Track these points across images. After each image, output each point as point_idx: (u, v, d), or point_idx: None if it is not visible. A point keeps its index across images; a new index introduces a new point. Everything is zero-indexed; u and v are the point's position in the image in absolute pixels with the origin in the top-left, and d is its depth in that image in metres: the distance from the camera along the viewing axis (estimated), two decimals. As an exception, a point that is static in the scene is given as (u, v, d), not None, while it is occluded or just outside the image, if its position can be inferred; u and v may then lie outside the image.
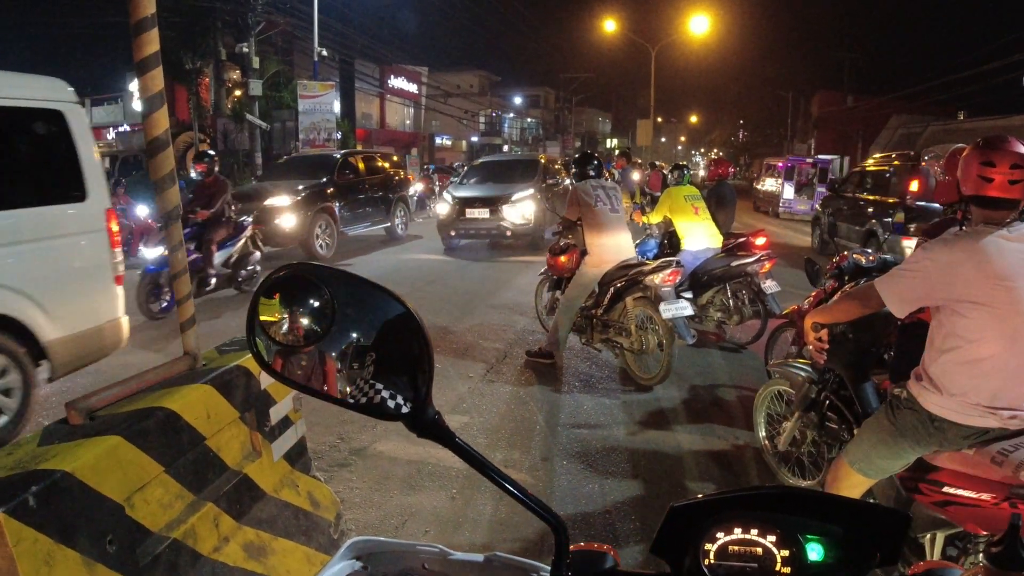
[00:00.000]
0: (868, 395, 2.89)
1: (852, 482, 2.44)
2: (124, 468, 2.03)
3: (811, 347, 2.70)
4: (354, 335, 0.68)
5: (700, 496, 0.79)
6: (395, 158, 16.97)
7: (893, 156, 12.12)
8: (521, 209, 12.26)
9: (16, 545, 1.61)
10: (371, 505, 3.43)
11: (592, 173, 5.78)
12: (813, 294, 4.48)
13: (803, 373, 3.31)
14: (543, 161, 15.06)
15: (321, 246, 11.72)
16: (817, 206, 15.07)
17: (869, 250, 4.28)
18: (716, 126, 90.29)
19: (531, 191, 12.53)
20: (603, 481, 3.73)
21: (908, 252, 7.47)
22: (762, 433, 3.79)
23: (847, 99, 40.68)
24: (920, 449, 2.28)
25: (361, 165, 13.95)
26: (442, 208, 13.17)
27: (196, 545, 2.21)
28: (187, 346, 2.57)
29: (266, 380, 2.60)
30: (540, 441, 4.29)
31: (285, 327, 0.69)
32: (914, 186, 9.83)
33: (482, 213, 12.27)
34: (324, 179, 12.33)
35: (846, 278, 4.06)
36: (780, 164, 21.62)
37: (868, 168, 12.61)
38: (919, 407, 2.24)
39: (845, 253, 4.20)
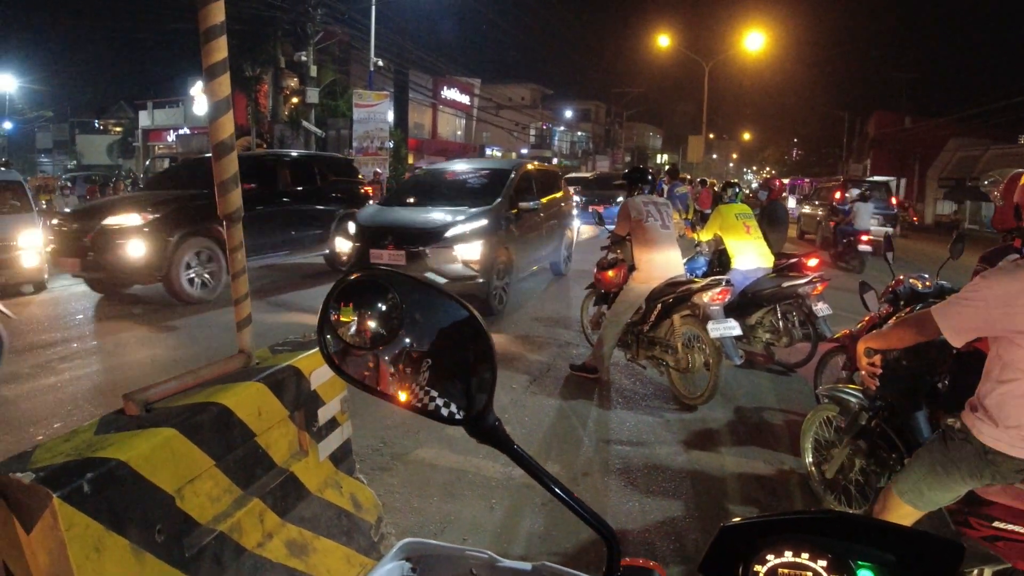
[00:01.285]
0: (920, 424, 2.82)
1: (901, 513, 2.38)
2: (177, 460, 2.08)
3: (863, 373, 2.63)
4: (419, 340, 0.69)
5: (752, 517, 0.78)
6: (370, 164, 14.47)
7: None
8: (463, 250, 7.74)
9: (68, 530, 1.65)
10: (411, 510, 3.45)
11: (644, 188, 5.76)
12: (866, 318, 4.37)
13: (854, 399, 3.23)
14: (521, 172, 9.64)
15: (196, 283, 8.75)
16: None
17: (925, 275, 4.16)
18: (769, 144, 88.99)
19: (483, 221, 8.06)
20: (644, 499, 3.69)
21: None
22: (809, 459, 3.70)
23: (905, 120, 39.71)
24: (972, 482, 2.22)
25: (286, 171, 10.78)
26: (341, 244, 8.87)
27: (241, 539, 2.26)
28: (242, 344, 2.63)
29: (316, 381, 2.64)
30: (581, 456, 4.26)
31: (354, 329, 0.70)
32: None
33: (394, 257, 7.77)
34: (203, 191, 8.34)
35: (901, 303, 3.95)
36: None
37: None
38: (973, 439, 2.18)
39: (901, 277, 4.10)
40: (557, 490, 0.69)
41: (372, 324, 0.70)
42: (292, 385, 2.53)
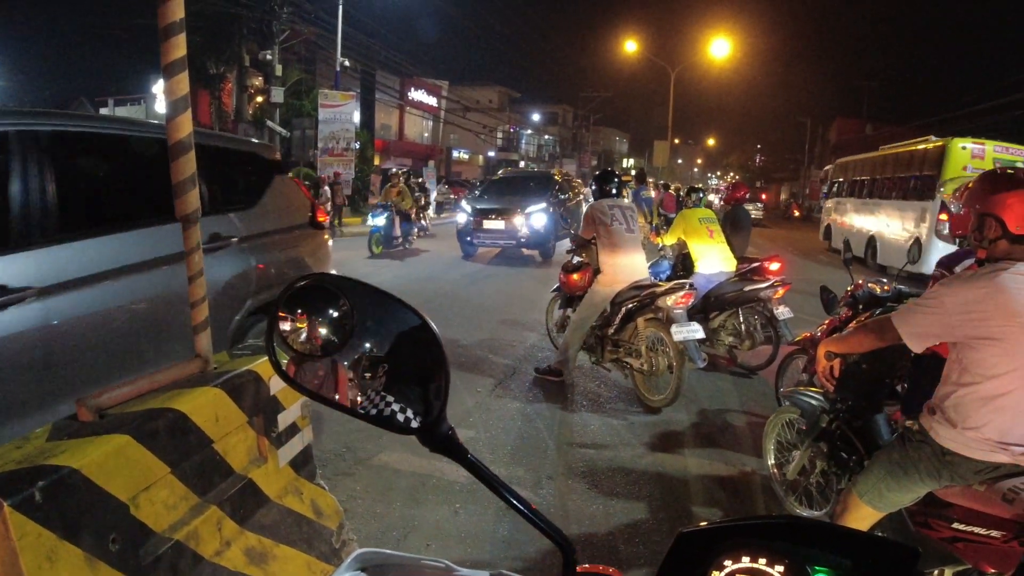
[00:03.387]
0: (880, 427, 2.88)
1: (861, 514, 2.42)
2: (131, 467, 2.04)
3: (821, 376, 2.69)
4: (370, 347, 0.68)
5: (708, 523, 0.78)
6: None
7: None
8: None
9: (20, 539, 1.60)
10: (373, 516, 3.42)
11: (612, 191, 5.78)
12: (827, 322, 4.45)
13: (815, 402, 3.29)
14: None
15: None
16: None
17: (884, 279, 4.25)
18: (733, 149, 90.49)
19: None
20: (608, 502, 3.70)
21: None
22: (771, 461, 3.75)
23: (866, 127, 40.61)
24: (931, 483, 2.27)
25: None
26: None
27: (198, 548, 2.21)
28: (199, 348, 2.58)
29: (275, 386, 2.60)
30: (546, 459, 4.27)
31: (303, 336, 0.69)
32: None
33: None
34: None
35: (860, 307, 4.03)
36: None
37: None
38: (931, 440, 2.24)
39: (860, 282, 4.18)
40: (511, 499, 0.68)
41: (323, 331, 0.69)
42: (251, 390, 2.49)
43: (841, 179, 20.82)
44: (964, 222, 2.85)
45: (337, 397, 0.68)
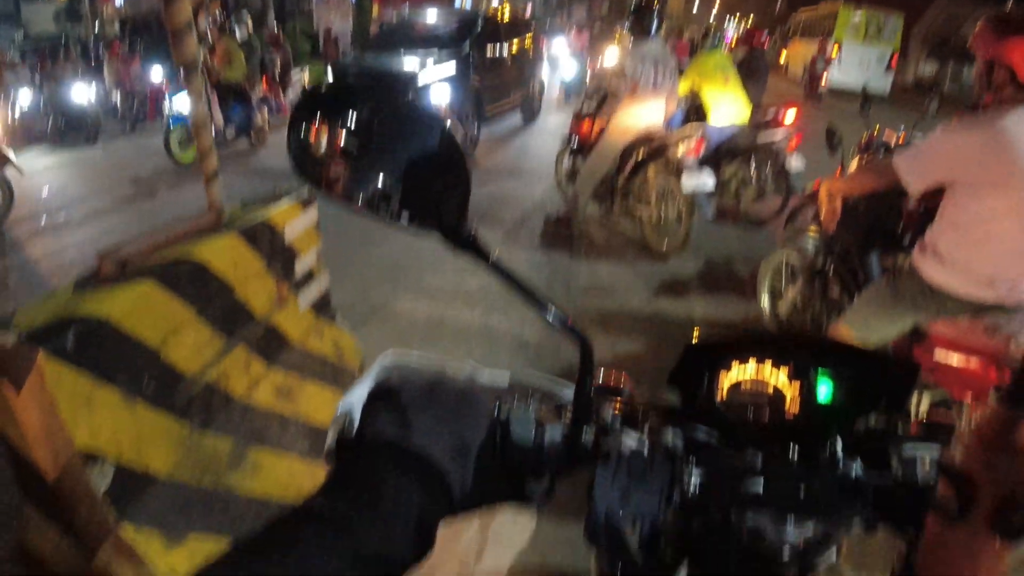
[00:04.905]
0: (873, 264, 3.00)
1: None
2: (157, 313, 2.12)
3: (823, 214, 2.77)
4: (393, 153, 0.69)
5: (718, 333, 0.81)
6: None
7: None
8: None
9: (57, 386, 1.69)
10: (391, 359, 3.57)
11: (650, 31, 5.31)
12: (837, 172, 4.40)
13: (812, 242, 3.40)
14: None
15: None
16: None
17: (902, 127, 4.16)
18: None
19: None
20: (615, 340, 3.85)
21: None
22: (765, 299, 3.88)
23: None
24: (916, 316, 2.40)
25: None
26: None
27: (228, 387, 2.35)
28: (212, 200, 2.61)
29: (291, 234, 2.65)
30: (555, 304, 4.37)
31: (324, 140, 0.69)
32: None
33: None
34: None
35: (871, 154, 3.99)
36: None
37: None
38: (919, 275, 2.34)
39: (875, 131, 4.09)
40: (534, 297, 0.72)
41: (343, 135, 0.69)
42: (266, 238, 2.55)
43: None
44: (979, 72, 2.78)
45: (361, 200, 0.70)
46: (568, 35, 18.04)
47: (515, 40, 10.81)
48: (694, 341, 0.81)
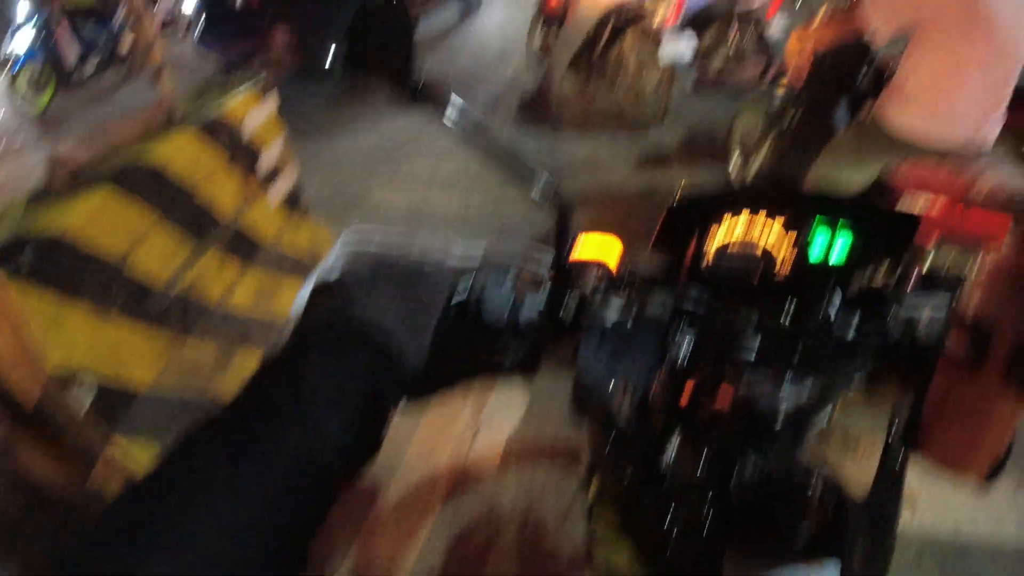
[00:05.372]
0: (840, 114, 3.00)
1: None
2: (118, 221, 2.03)
3: (792, 68, 2.80)
4: (328, 5, 0.59)
5: (706, 190, 0.75)
6: None
7: None
8: None
9: (22, 307, 1.60)
10: (372, 251, 3.51)
11: None
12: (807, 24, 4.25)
13: (780, 97, 3.38)
14: None
15: None
16: None
17: None
18: None
19: None
20: (597, 215, 3.81)
21: None
22: (736, 159, 3.88)
23: None
24: (884, 159, 2.44)
25: None
26: None
27: (204, 293, 2.28)
28: (163, 94, 2.44)
29: (251, 126, 2.51)
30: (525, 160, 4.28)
31: None
32: None
33: None
34: None
35: None
36: None
37: None
38: (887, 123, 2.40)
39: None
40: (500, 150, 0.65)
41: None
42: (226, 132, 2.41)
43: None
44: None
45: (306, 63, 0.61)
46: None
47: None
48: (676, 202, 0.74)
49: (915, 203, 2.33)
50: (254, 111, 2.55)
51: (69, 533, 1.65)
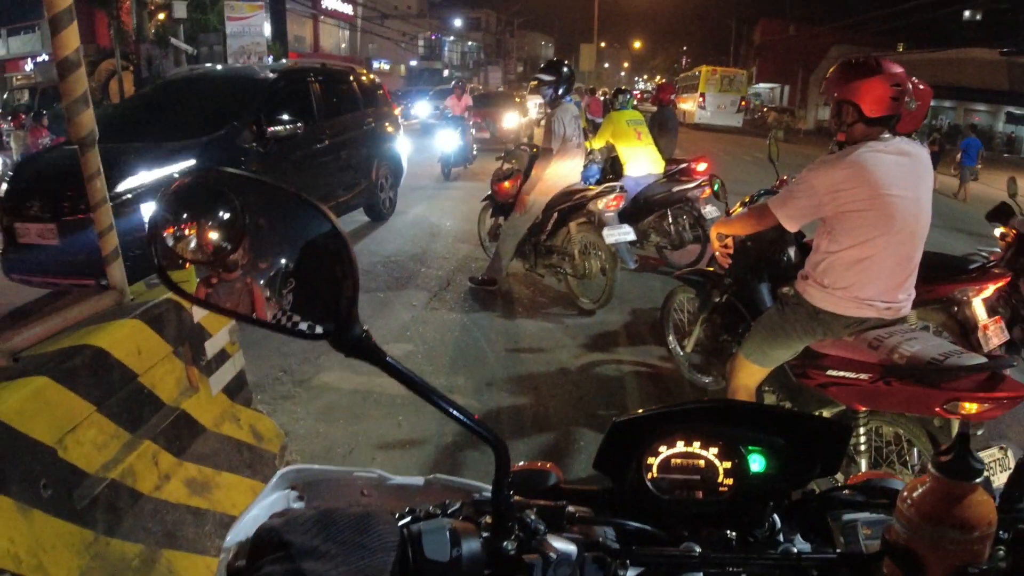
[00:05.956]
0: (763, 295, 3.20)
1: (749, 371, 2.72)
2: (53, 409, 1.96)
3: (717, 254, 2.99)
4: (269, 250, 0.62)
5: (641, 411, 0.78)
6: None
7: None
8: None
9: None
10: (317, 435, 3.42)
11: (566, 95, 5.47)
12: (726, 214, 4.60)
13: (707, 279, 3.60)
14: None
15: None
16: None
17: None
18: (659, 52, 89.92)
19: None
20: (547, 403, 3.81)
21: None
22: (671, 339, 4.05)
23: (789, 27, 40.92)
24: (807, 339, 2.56)
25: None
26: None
27: (136, 484, 2.17)
28: (112, 280, 2.46)
29: (199, 313, 2.52)
30: (485, 366, 4.32)
31: (192, 243, 0.63)
32: None
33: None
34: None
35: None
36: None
37: None
38: (805, 302, 2.52)
39: (784, 178, 4.27)
40: (437, 400, 0.66)
41: (213, 235, 0.62)
42: (173, 319, 2.41)
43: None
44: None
45: (234, 306, 0.63)
46: (448, 99, 14.60)
47: (338, 113, 7.42)
48: (618, 420, 0.77)
49: (842, 375, 2.45)
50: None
51: None
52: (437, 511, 0.67)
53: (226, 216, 0.62)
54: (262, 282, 0.62)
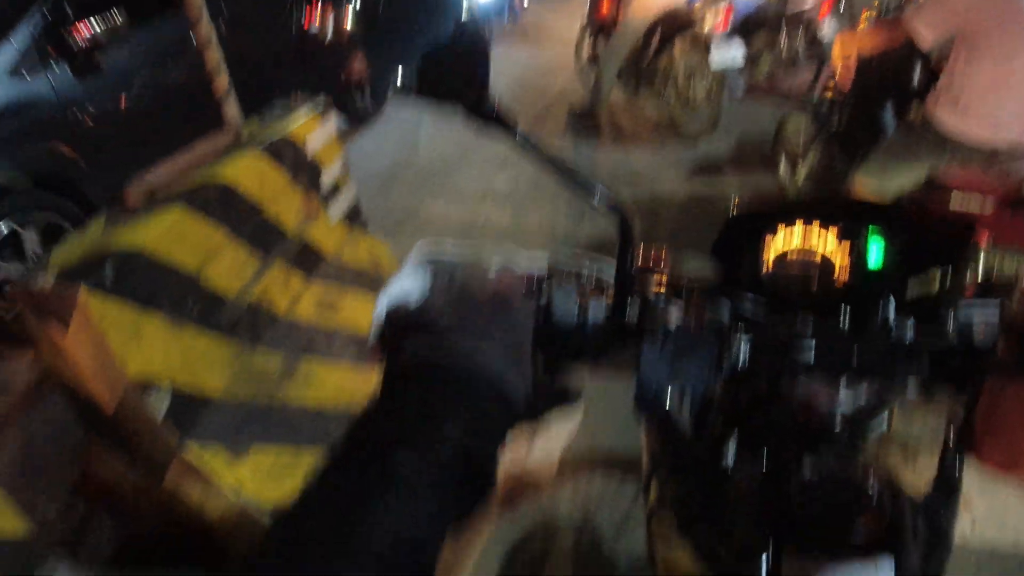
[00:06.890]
0: (888, 117, 3.01)
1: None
2: (191, 238, 2.13)
3: (839, 72, 2.89)
4: (404, 30, 0.64)
5: (759, 200, 0.77)
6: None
7: None
8: None
9: (101, 320, 1.70)
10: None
11: None
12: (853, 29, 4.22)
13: (827, 102, 3.41)
14: None
15: None
16: None
17: None
18: None
19: None
20: (649, 225, 3.81)
21: None
22: (784, 167, 3.89)
23: None
24: (931, 163, 2.47)
25: None
26: None
27: (271, 305, 2.38)
28: (228, 118, 2.56)
29: (313, 147, 2.61)
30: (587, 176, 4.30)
31: (329, 26, 0.65)
32: None
33: None
34: None
35: None
36: None
37: None
38: (934, 124, 2.44)
39: None
40: (566, 170, 0.68)
41: (349, 18, 0.64)
42: (289, 153, 2.51)
43: None
44: None
45: (385, 90, 0.65)
46: None
47: None
48: (734, 212, 0.77)
49: (966, 203, 2.34)
50: (315, 133, 2.65)
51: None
52: (564, 282, 0.70)
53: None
54: (400, 58, 0.63)
